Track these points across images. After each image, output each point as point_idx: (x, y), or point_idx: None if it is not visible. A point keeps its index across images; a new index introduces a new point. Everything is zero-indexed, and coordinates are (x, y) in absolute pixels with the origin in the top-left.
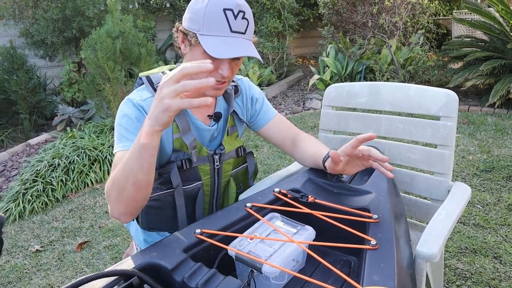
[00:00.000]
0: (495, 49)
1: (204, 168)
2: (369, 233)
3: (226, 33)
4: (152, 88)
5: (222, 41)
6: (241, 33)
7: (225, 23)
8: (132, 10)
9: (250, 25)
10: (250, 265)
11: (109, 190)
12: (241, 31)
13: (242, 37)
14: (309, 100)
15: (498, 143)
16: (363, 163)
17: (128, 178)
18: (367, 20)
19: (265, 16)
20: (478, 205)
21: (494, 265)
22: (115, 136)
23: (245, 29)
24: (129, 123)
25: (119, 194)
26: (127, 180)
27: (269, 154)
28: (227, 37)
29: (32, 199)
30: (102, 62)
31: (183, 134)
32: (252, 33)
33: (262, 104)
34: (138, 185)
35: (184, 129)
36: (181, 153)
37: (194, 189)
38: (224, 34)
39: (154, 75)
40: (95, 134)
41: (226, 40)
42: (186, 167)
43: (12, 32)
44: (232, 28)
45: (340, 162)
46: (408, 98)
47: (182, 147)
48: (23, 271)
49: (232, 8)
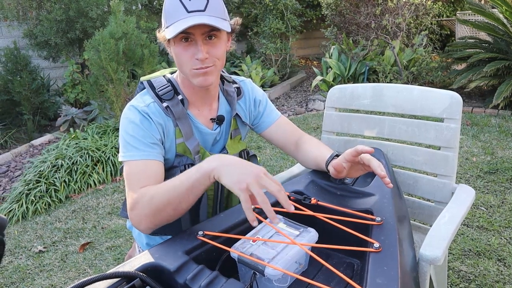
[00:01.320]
0: (499, 50)
1: None
2: (372, 236)
3: (183, 15)
4: (154, 92)
5: (180, 23)
6: (200, 11)
7: (180, 6)
8: (135, 11)
9: (211, 2)
10: (252, 268)
11: (141, 205)
12: (199, 9)
13: (202, 14)
14: (312, 101)
15: (502, 144)
16: (365, 167)
17: (171, 202)
18: (370, 21)
19: (268, 17)
20: (482, 207)
21: (498, 268)
22: (121, 143)
23: (204, 7)
24: (136, 130)
25: (156, 213)
26: (169, 204)
27: (272, 155)
28: (184, 19)
29: (35, 199)
30: (105, 63)
31: (186, 139)
32: (218, 11)
33: (266, 106)
34: (178, 211)
35: (187, 134)
36: (184, 158)
37: None
38: (181, 17)
39: (155, 79)
40: (98, 135)
41: (184, 21)
42: None
43: (16, 33)
44: (188, 9)
45: (343, 169)
46: (412, 100)
47: (185, 152)
48: (26, 271)
49: None
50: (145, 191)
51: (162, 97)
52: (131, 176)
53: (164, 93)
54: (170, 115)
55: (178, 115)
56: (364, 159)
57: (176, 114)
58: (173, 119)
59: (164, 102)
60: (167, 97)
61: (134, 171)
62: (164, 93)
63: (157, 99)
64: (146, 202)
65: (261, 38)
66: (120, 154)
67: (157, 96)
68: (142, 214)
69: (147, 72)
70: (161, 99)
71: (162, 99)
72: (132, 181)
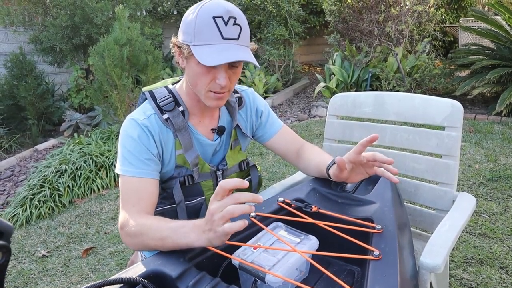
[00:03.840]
0: (502, 57)
1: (206, 184)
2: (373, 244)
3: (218, 41)
4: (155, 103)
5: (215, 49)
6: (234, 39)
7: (216, 30)
8: (139, 18)
9: (243, 31)
10: (253, 275)
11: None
12: (233, 37)
13: (236, 43)
14: (315, 107)
15: (505, 152)
16: (367, 170)
17: (158, 245)
18: (373, 28)
19: (271, 24)
20: (484, 214)
21: (501, 276)
22: (119, 155)
23: (238, 35)
24: (133, 145)
25: (143, 245)
26: (156, 245)
27: (274, 162)
28: (219, 45)
29: (39, 204)
30: (110, 69)
31: (186, 151)
32: (247, 39)
33: (268, 116)
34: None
35: (187, 146)
36: (184, 169)
37: (197, 204)
38: (216, 42)
39: (157, 90)
40: (102, 140)
41: (218, 48)
42: (188, 183)
43: (22, 39)
44: (223, 35)
45: (345, 169)
46: (413, 108)
47: (185, 163)
48: (29, 276)
49: (222, 15)
50: (134, 222)
51: (163, 108)
52: (124, 193)
53: (165, 104)
54: (170, 126)
55: (178, 127)
56: (367, 156)
57: (176, 126)
58: (173, 131)
59: (164, 114)
60: (167, 108)
61: (127, 188)
62: (165, 104)
63: (158, 110)
64: (133, 233)
65: (264, 44)
66: (116, 166)
67: (158, 108)
68: (128, 240)
69: (150, 78)
70: (162, 110)
71: (163, 110)
72: (125, 199)
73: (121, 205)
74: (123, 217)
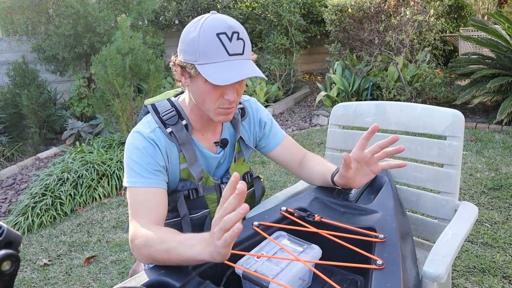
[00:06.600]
0: (502, 66)
1: (211, 197)
2: (375, 253)
3: (225, 58)
4: (157, 116)
5: (222, 66)
6: (240, 54)
7: (221, 47)
8: (142, 27)
9: (246, 45)
10: (257, 284)
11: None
12: (238, 52)
13: (241, 58)
14: (316, 116)
15: (506, 160)
16: (372, 169)
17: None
18: (373, 37)
19: (272, 33)
20: (486, 223)
21: (503, 285)
22: (126, 169)
23: (242, 50)
24: (140, 156)
25: (151, 257)
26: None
27: (276, 171)
28: (226, 62)
29: (41, 212)
30: (112, 78)
31: (190, 165)
32: (250, 52)
33: (271, 127)
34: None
35: (191, 160)
36: (188, 182)
37: (201, 217)
38: (222, 59)
39: (159, 103)
40: (104, 148)
41: (226, 65)
42: (193, 197)
43: (25, 48)
44: (229, 52)
45: (350, 167)
46: (414, 118)
47: (189, 177)
48: (31, 284)
49: (225, 31)
50: (142, 233)
51: (166, 122)
52: (134, 204)
53: (168, 118)
54: (174, 140)
55: (182, 141)
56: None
57: (180, 140)
58: (177, 145)
59: (168, 128)
60: (171, 122)
61: (137, 199)
62: (168, 118)
63: (161, 124)
64: (141, 246)
65: (265, 53)
66: (124, 179)
67: (161, 121)
68: (137, 252)
69: (152, 87)
70: (165, 124)
71: (166, 124)
72: (135, 210)
73: (130, 218)
74: (132, 230)
